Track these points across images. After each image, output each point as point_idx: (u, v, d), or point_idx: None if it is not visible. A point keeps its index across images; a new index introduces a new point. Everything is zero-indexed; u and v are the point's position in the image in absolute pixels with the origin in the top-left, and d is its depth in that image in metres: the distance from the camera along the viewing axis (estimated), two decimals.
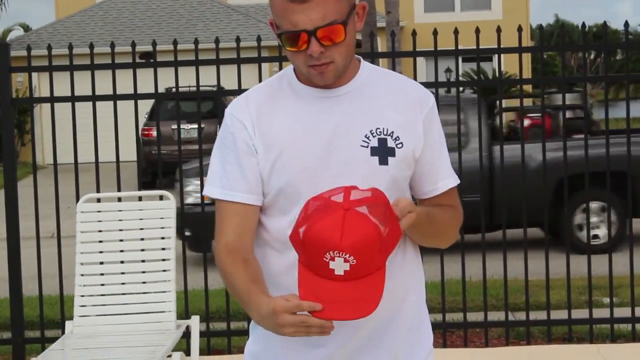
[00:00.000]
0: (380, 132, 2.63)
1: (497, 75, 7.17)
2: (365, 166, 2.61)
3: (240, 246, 2.63)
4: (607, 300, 7.63)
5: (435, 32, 6.84)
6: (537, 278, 8.02)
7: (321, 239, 2.38)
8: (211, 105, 19.09)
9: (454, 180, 2.76)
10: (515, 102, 18.68)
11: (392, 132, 2.64)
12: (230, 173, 2.66)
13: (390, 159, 2.63)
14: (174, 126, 17.00)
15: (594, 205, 11.07)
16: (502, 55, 7.03)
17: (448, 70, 24.40)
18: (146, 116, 20.07)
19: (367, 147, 2.62)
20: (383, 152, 2.62)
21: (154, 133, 18.11)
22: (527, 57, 26.86)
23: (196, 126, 16.69)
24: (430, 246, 2.79)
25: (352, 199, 2.42)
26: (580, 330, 7.07)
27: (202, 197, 6.85)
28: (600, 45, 7.01)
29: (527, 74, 25.11)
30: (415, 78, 5.62)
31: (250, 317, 2.60)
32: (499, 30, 6.72)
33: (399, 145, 2.64)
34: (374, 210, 2.41)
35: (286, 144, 2.62)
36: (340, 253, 2.36)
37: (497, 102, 7.05)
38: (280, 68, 6.39)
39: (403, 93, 2.70)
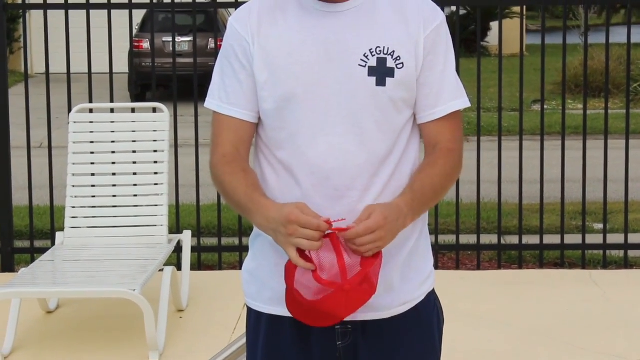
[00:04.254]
0: (380, 51, 2.55)
1: None
2: (362, 86, 2.54)
3: (238, 157, 2.60)
4: (599, 226, 7.61)
5: None
6: (530, 202, 7.98)
7: (324, 312, 2.45)
8: (203, 18, 18.90)
9: (456, 104, 2.62)
10: (513, 24, 18.49)
11: (393, 52, 2.55)
12: (228, 86, 2.61)
13: (388, 79, 2.54)
14: (165, 38, 16.80)
15: None
16: None
17: None
18: (137, 28, 19.85)
19: (364, 66, 2.54)
20: (381, 72, 2.54)
21: (145, 45, 17.87)
22: None
23: (186, 39, 16.51)
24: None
25: (350, 274, 2.42)
26: (572, 255, 7.05)
27: None
28: None
29: None
30: None
31: (251, 224, 2.60)
32: None
33: (400, 66, 2.55)
34: (370, 274, 2.45)
35: (283, 58, 2.56)
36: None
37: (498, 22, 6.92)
38: None
39: (409, 9, 2.59)
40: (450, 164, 2.61)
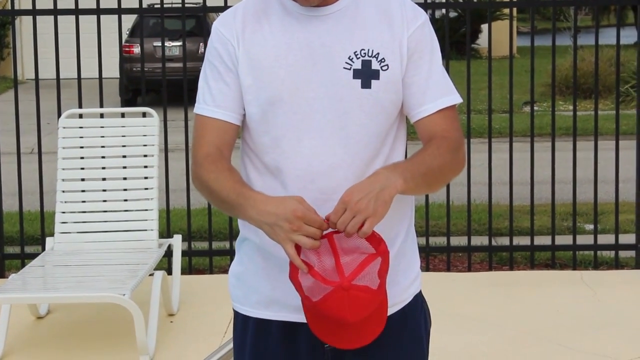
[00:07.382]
0: (365, 53, 2.55)
1: None
2: (347, 89, 2.54)
3: (221, 157, 2.58)
4: (590, 227, 7.62)
5: None
6: (520, 203, 7.99)
7: (330, 317, 2.40)
8: (193, 23, 18.88)
9: (446, 101, 2.62)
10: (504, 26, 18.52)
11: (378, 54, 2.55)
12: (213, 89, 2.61)
13: (373, 82, 2.54)
14: (156, 43, 16.79)
15: None
16: None
17: None
18: (127, 33, 19.85)
19: (349, 69, 2.54)
20: (366, 74, 2.54)
21: (135, 50, 17.84)
22: None
23: (177, 44, 16.49)
24: (434, 191, 2.71)
25: (347, 272, 2.38)
26: (563, 256, 7.06)
27: None
28: None
29: None
30: None
31: (239, 219, 2.59)
32: None
33: (384, 68, 2.55)
34: (369, 272, 2.40)
35: (268, 62, 2.56)
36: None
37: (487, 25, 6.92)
38: None
39: (392, 10, 2.60)
40: (444, 146, 2.58)
